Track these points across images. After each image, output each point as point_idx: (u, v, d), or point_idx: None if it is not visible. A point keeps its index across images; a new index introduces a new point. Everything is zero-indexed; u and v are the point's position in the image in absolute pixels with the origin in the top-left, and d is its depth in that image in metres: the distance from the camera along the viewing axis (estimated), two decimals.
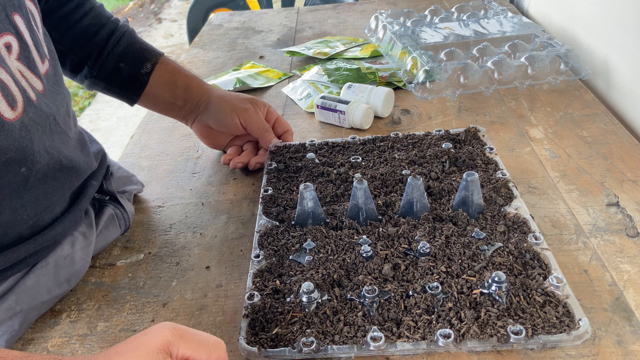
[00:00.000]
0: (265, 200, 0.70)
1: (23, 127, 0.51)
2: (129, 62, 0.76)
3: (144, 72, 0.77)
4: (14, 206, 0.54)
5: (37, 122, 0.54)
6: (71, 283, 0.62)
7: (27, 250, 0.56)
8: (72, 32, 0.74)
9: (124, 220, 0.70)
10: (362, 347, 0.49)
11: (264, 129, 0.80)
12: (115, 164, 0.78)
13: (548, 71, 0.97)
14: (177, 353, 0.41)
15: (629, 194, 0.68)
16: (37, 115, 0.54)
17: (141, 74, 0.77)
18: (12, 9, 0.53)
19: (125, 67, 0.76)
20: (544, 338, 0.48)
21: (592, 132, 0.82)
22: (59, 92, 0.60)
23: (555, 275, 0.53)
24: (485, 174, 0.70)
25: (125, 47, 0.76)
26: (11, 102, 0.50)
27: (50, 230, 0.58)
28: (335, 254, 0.60)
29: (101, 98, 3.30)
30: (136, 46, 0.77)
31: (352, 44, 1.22)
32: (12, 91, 0.51)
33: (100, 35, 0.75)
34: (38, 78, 0.56)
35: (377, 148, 0.78)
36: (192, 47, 1.36)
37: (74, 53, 0.76)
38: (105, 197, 0.70)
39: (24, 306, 0.56)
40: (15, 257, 0.55)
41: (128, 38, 0.77)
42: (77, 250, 0.62)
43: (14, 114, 0.50)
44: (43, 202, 0.57)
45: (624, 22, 0.91)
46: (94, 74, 0.76)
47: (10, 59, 0.52)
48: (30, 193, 0.55)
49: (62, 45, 0.74)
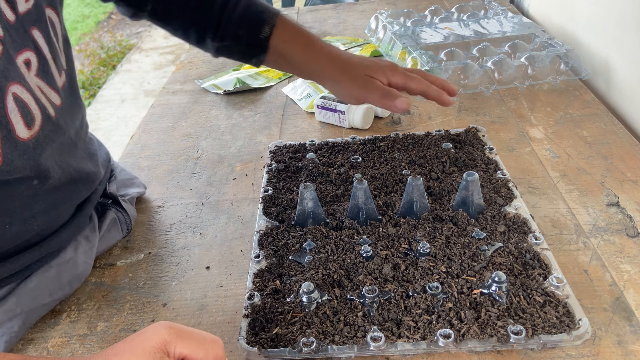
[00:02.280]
0: (265, 200, 0.70)
1: (37, 144, 0.51)
2: (247, 28, 0.74)
3: (262, 36, 0.74)
4: (24, 217, 0.54)
5: (52, 139, 0.54)
6: (73, 286, 0.62)
7: (33, 257, 0.56)
8: (189, 5, 0.74)
9: (126, 224, 0.70)
10: (362, 347, 0.49)
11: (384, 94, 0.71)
12: (118, 166, 0.78)
13: (548, 71, 0.97)
14: (174, 352, 0.41)
15: (629, 194, 0.68)
16: (53, 132, 0.54)
17: (260, 39, 0.75)
18: (30, 23, 0.52)
19: (244, 34, 0.75)
20: (544, 338, 0.48)
21: (592, 132, 0.82)
22: (76, 105, 0.60)
23: (555, 275, 0.53)
24: (485, 174, 0.70)
25: (242, 12, 0.74)
26: (29, 121, 0.50)
27: (55, 236, 0.58)
28: (335, 254, 0.60)
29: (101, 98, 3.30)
30: (252, 8, 0.75)
31: (352, 44, 1.22)
32: (32, 110, 0.51)
33: (217, 3, 0.74)
34: (56, 92, 0.55)
35: (377, 148, 0.78)
36: (192, 47, 1.36)
37: (194, 25, 0.76)
38: (108, 201, 0.70)
39: (24, 308, 0.56)
40: (21, 264, 0.55)
41: (244, 1, 0.75)
42: (80, 253, 0.62)
43: (30, 133, 0.50)
44: (52, 212, 0.57)
45: (624, 22, 0.91)
46: (216, 45, 0.76)
47: (29, 75, 0.52)
48: (39, 205, 0.55)
49: (182, 19, 0.75)
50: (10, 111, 0.48)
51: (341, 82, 0.73)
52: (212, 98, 1.07)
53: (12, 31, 0.50)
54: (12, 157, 0.48)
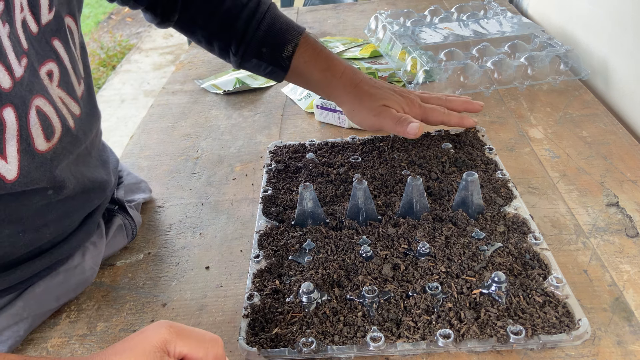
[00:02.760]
0: (265, 200, 0.70)
1: (55, 156, 0.51)
2: (270, 47, 0.76)
3: (285, 55, 0.76)
4: (37, 225, 0.53)
5: (69, 150, 0.53)
6: (77, 291, 0.61)
7: (43, 264, 0.56)
8: (216, 17, 0.75)
9: (132, 230, 0.70)
10: (362, 347, 0.49)
11: (397, 121, 0.73)
12: (125, 169, 0.77)
13: (548, 71, 0.97)
14: (174, 351, 0.41)
15: (629, 194, 0.68)
16: (70, 144, 0.53)
17: (282, 58, 0.76)
18: (50, 34, 0.52)
19: (267, 52, 0.76)
20: (544, 338, 0.48)
21: (591, 132, 0.82)
22: (93, 114, 0.60)
23: (555, 276, 0.53)
24: (485, 174, 0.70)
25: (266, 30, 0.75)
26: (49, 134, 0.50)
27: (65, 243, 0.58)
28: (335, 254, 0.60)
29: (101, 98, 3.30)
30: (276, 26, 0.76)
31: (352, 44, 1.22)
32: (53, 123, 0.50)
33: (242, 19, 0.75)
34: (76, 102, 0.55)
35: (377, 148, 0.78)
36: (192, 47, 1.36)
37: (218, 38, 0.77)
38: (115, 207, 0.70)
39: (30, 312, 0.56)
40: (31, 271, 0.55)
41: (269, 19, 0.76)
42: (88, 259, 0.62)
43: (48, 145, 0.50)
44: (65, 221, 0.57)
45: (623, 22, 0.91)
46: (238, 60, 0.77)
47: (52, 86, 0.51)
48: (52, 214, 0.55)
49: (207, 30, 0.76)
50: (32, 125, 0.48)
51: (357, 110, 0.77)
52: (211, 98, 1.07)
53: (36, 43, 0.50)
54: (29, 169, 0.48)
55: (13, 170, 0.46)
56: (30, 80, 0.48)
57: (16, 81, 0.46)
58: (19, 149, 0.46)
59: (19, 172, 0.47)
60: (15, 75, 0.46)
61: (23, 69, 0.47)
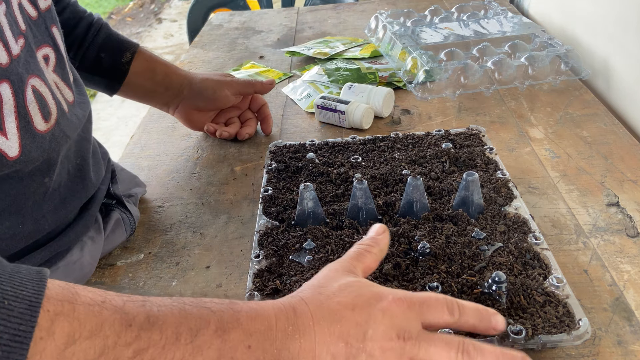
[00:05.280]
0: (265, 200, 0.70)
1: (53, 138, 0.52)
2: (109, 52, 0.79)
3: (124, 61, 0.79)
4: (35, 217, 0.54)
5: (66, 134, 0.55)
6: None
7: (43, 257, 0.56)
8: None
9: (130, 224, 0.70)
10: None
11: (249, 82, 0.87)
12: (118, 166, 0.78)
13: (548, 71, 0.97)
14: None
15: (629, 194, 0.69)
16: (67, 127, 0.55)
17: (122, 63, 0.79)
18: (51, 21, 0.54)
19: (106, 57, 0.78)
20: (544, 338, 0.48)
21: (592, 132, 0.82)
22: (84, 102, 0.61)
23: (555, 275, 0.53)
24: (485, 174, 0.70)
25: (104, 38, 0.78)
26: (46, 114, 0.51)
27: (63, 236, 0.59)
28: (335, 254, 0.60)
29: (101, 98, 3.30)
30: (114, 37, 0.80)
31: (352, 44, 1.22)
32: (49, 103, 0.52)
33: (80, 28, 0.77)
34: (70, 89, 0.57)
35: (377, 148, 0.78)
36: (192, 47, 1.36)
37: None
38: (112, 202, 0.70)
39: None
40: (30, 265, 0.55)
41: (105, 30, 0.79)
42: (86, 254, 0.62)
43: (47, 126, 0.51)
44: (61, 212, 0.57)
45: (624, 22, 0.91)
46: (76, 65, 0.78)
47: (47, 70, 0.53)
48: (48, 204, 0.55)
49: None
50: (29, 103, 0.49)
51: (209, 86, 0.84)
52: None
53: (34, 27, 0.52)
54: (30, 148, 0.49)
55: (14, 147, 0.47)
56: (27, 60, 0.49)
57: (13, 58, 0.47)
58: (18, 125, 0.47)
59: (21, 150, 0.48)
60: (12, 53, 0.47)
61: (20, 47, 0.49)
